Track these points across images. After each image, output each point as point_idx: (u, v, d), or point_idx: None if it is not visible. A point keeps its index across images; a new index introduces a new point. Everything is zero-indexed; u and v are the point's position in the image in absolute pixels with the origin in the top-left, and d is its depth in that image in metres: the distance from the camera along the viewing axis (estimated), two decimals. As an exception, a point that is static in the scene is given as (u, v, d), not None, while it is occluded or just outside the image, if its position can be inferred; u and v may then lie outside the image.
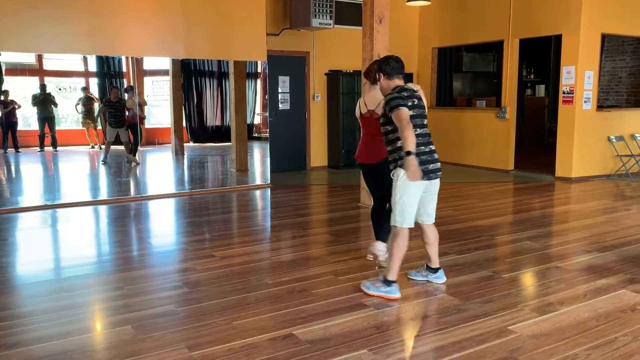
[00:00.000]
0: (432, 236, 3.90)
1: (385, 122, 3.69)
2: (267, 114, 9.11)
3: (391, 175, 3.68)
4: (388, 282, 3.63)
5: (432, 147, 3.74)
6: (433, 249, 3.92)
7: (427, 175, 3.60)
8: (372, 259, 4.38)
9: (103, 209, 6.65)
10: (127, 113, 8.05)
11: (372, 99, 4.24)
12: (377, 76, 3.85)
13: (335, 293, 3.72)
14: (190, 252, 4.73)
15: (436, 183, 3.78)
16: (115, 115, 8.07)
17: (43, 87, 7.90)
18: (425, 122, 3.79)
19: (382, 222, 4.19)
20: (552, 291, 3.78)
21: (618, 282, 3.93)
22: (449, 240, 5.06)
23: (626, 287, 3.82)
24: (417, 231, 3.90)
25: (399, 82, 3.77)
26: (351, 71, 9.45)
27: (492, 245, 5.00)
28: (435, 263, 3.94)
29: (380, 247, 4.27)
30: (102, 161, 8.39)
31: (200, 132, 9.64)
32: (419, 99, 3.77)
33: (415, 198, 3.61)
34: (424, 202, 3.77)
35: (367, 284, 3.73)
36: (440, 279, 3.94)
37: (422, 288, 3.84)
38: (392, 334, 3.10)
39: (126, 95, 8.06)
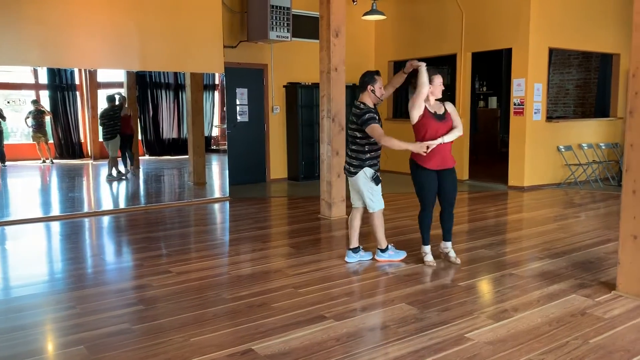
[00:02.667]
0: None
1: (356, 129, 4.43)
2: (225, 126, 9.05)
3: (353, 175, 4.54)
4: (384, 250, 4.72)
5: (346, 151, 4.77)
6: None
7: (379, 178, 4.59)
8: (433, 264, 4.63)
9: (55, 226, 6.44)
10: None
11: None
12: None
13: (295, 306, 3.70)
14: (146, 268, 4.62)
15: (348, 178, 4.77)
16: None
17: (-10, 100, 7.62)
18: (348, 130, 4.61)
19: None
20: (507, 298, 3.87)
21: (569, 287, 4.06)
22: (407, 249, 5.10)
23: (577, 292, 3.95)
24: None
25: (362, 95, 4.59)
26: (310, 83, 9.51)
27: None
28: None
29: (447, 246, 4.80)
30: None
31: (157, 145, 9.47)
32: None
33: (379, 188, 4.62)
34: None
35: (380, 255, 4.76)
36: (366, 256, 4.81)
37: (382, 298, 3.86)
38: (352, 346, 3.10)
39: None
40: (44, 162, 8.05)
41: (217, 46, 7.76)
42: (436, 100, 4.54)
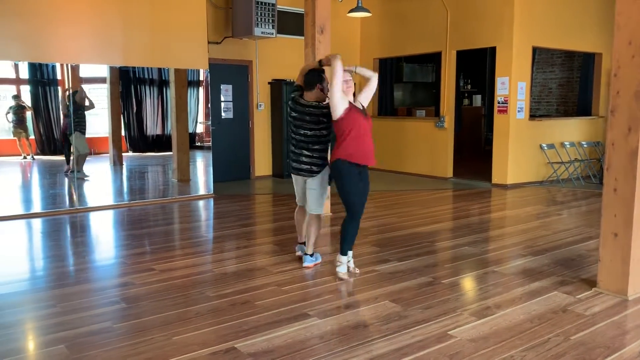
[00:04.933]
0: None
1: (324, 128, 4.29)
2: (210, 122, 8.99)
3: (316, 175, 4.35)
4: (312, 254, 4.59)
5: (301, 152, 4.36)
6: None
7: (291, 169, 4.49)
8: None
9: (37, 223, 6.35)
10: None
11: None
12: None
13: (278, 304, 3.69)
14: (129, 266, 4.58)
15: (299, 179, 4.51)
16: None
17: (-32, 95, 7.49)
18: (303, 131, 4.32)
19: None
20: (490, 295, 3.90)
21: (550, 285, 4.10)
22: (390, 247, 5.14)
23: (558, 289, 3.99)
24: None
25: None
26: (294, 80, 9.47)
27: (432, 251, 5.11)
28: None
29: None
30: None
31: (140, 141, 9.38)
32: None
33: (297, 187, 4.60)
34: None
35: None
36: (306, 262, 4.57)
37: (365, 296, 3.87)
38: (335, 344, 3.10)
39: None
40: (24, 158, 7.92)
41: (201, 42, 7.71)
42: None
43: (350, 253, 4.34)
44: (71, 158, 7.91)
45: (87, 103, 7.73)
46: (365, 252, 5.00)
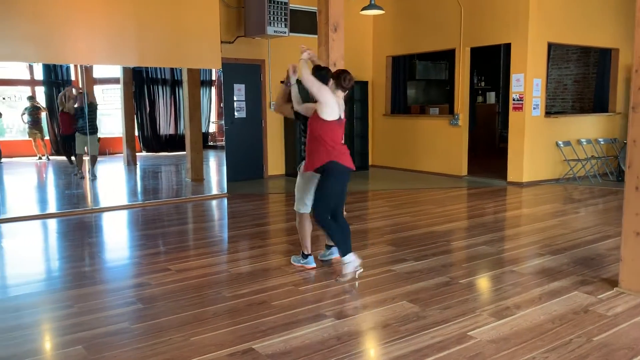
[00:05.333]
0: None
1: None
2: (223, 122, 8.99)
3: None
4: (305, 255, 4.48)
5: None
6: None
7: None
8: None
9: (52, 223, 6.38)
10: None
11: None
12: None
13: (295, 304, 3.67)
14: (145, 266, 4.58)
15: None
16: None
17: (-15, 96, 7.56)
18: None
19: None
20: (509, 295, 3.84)
21: (570, 284, 4.03)
22: (406, 247, 5.09)
23: (578, 289, 3.93)
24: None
25: None
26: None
27: (449, 250, 5.06)
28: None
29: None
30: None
31: (153, 141, 9.42)
32: None
33: None
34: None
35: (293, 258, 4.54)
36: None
37: (383, 296, 3.83)
38: (353, 345, 3.07)
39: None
40: (40, 158, 7.98)
41: (215, 41, 7.70)
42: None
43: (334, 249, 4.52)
44: (72, 159, 7.96)
45: (76, 104, 7.63)
46: (381, 251, 4.97)
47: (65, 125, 7.85)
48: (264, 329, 3.26)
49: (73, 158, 7.97)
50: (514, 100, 8.51)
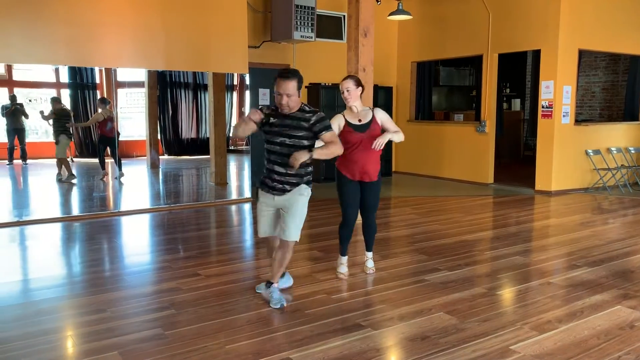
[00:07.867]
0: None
1: (305, 137, 3.81)
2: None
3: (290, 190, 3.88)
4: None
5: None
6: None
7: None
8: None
9: (76, 226, 6.38)
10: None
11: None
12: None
13: (329, 313, 3.59)
14: (175, 271, 4.53)
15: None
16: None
17: (13, 97, 7.62)
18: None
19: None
20: (548, 308, 3.73)
21: (612, 298, 3.90)
22: (438, 256, 4.99)
23: (621, 303, 3.80)
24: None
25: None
26: (331, 84, 9.40)
27: (482, 260, 4.94)
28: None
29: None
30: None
31: (176, 144, 9.44)
32: None
33: None
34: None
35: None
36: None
37: (418, 306, 3.73)
38: (393, 357, 2.98)
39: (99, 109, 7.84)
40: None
41: (242, 46, 7.67)
42: (364, 108, 4.27)
43: (369, 254, 4.49)
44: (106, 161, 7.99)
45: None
46: (412, 260, 4.87)
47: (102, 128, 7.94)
48: (300, 338, 3.19)
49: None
50: (543, 107, 8.37)
